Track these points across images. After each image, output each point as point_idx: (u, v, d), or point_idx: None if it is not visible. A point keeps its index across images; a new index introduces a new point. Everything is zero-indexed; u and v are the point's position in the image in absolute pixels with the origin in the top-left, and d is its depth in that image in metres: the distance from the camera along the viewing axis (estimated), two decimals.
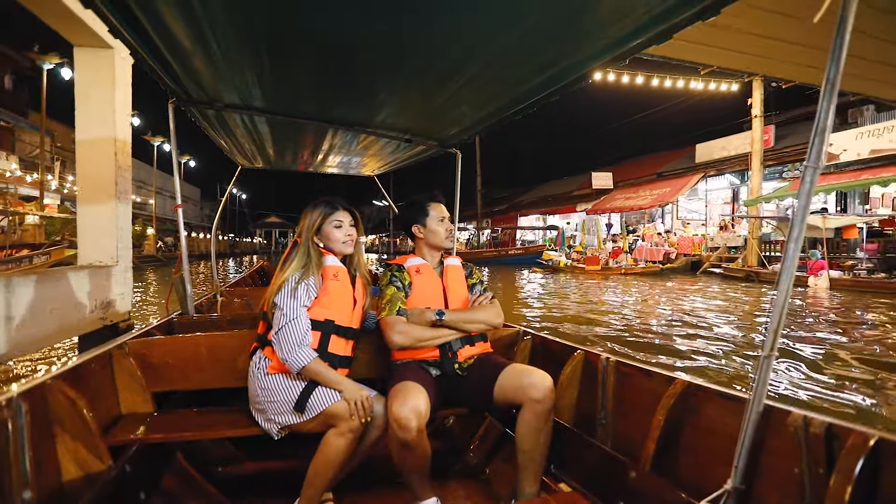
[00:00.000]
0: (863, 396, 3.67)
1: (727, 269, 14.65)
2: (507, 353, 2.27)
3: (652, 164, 25.14)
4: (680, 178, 21.51)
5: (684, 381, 1.50)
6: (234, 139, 3.21)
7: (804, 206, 1.01)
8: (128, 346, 1.89)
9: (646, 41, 1.52)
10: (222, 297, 3.57)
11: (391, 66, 1.84)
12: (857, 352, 5.08)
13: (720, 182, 21.77)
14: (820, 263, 11.54)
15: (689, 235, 19.34)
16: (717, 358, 4.87)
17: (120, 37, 1.62)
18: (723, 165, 19.95)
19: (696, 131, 23.14)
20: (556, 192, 30.65)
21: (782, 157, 17.38)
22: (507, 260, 22.49)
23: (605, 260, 18.26)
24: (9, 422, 1.24)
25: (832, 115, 0.97)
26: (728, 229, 18.75)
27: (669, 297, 10.13)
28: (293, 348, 1.58)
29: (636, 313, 8.05)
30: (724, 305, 8.86)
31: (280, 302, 1.65)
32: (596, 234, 22.02)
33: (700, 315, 7.66)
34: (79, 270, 3.65)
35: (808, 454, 1.10)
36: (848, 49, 0.98)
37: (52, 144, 27.53)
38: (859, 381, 4.05)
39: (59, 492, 1.41)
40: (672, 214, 22.54)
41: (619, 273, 16.40)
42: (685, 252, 18.12)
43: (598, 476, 1.64)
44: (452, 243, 1.99)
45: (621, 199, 23.36)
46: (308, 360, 1.60)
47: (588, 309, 8.64)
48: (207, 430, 1.73)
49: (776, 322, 1.03)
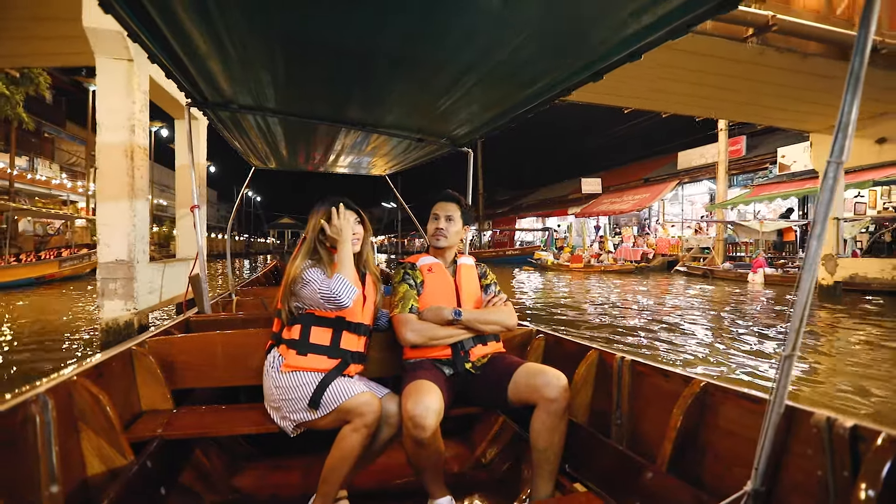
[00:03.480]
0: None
1: (690, 267, 16.56)
2: (520, 353, 2.27)
3: (639, 170, 26.97)
4: (659, 185, 23.38)
5: (702, 380, 1.48)
6: (248, 140, 3.25)
7: (827, 202, 0.96)
8: (147, 344, 1.94)
9: (661, 37, 1.51)
10: (237, 295, 3.66)
11: (405, 66, 1.83)
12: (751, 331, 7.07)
13: (700, 187, 23.55)
14: (759, 262, 13.46)
15: (667, 237, 21.20)
16: (616, 320, 6.89)
17: (138, 41, 1.65)
18: (696, 173, 21.78)
19: (679, 140, 24.95)
20: (553, 195, 32.65)
21: (744, 167, 19.25)
22: (504, 259, 24.49)
23: (588, 259, 20.20)
24: (37, 417, 1.27)
25: (856, 111, 0.93)
26: (701, 231, 20.62)
27: (621, 288, 12.13)
28: (335, 289, 1.63)
29: (586, 298, 10.08)
30: (654, 293, 10.84)
31: (301, 283, 1.70)
32: (582, 235, 24.02)
33: (635, 300, 9.67)
34: (178, 262, 5.84)
35: (832, 456, 1.07)
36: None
37: (87, 152, 29.97)
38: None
39: (84, 486, 1.45)
40: (658, 217, 24.38)
41: (599, 271, 18.33)
42: (662, 252, 19.98)
43: (614, 476, 1.61)
44: (439, 241, 1.95)
45: (607, 204, 25.32)
46: (340, 282, 1.65)
47: (559, 295, 10.69)
48: (225, 428, 1.76)
49: (798, 321, 0.99)
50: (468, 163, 3.24)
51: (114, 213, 4.82)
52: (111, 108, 4.74)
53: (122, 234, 4.81)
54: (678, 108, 9.32)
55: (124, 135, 4.72)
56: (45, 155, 27.03)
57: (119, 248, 4.79)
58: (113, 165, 4.78)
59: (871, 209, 15.38)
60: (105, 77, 4.70)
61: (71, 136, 28.17)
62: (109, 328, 4.74)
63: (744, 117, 10.59)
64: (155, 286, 5.31)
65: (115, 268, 4.78)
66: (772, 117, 9.94)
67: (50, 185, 24.45)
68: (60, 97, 29.82)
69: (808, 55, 6.38)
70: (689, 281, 14.44)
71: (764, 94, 8.25)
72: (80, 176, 27.10)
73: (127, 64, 4.64)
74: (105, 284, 4.78)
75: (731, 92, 7.97)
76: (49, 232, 20.15)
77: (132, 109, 4.73)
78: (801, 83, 7.34)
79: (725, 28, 5.80)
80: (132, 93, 4.73)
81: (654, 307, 8.89)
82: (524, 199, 37.93)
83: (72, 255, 14.17)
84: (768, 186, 17.57)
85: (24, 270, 12.43)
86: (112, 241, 4.81)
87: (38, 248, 16.16)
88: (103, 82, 4.72)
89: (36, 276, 12.59)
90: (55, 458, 1.28)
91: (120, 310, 4.76)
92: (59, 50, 6.27)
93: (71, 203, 25.81)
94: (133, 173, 4.77)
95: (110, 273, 4.78)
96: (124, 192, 4.77)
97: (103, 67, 4.68)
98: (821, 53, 6.40)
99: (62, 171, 27.02)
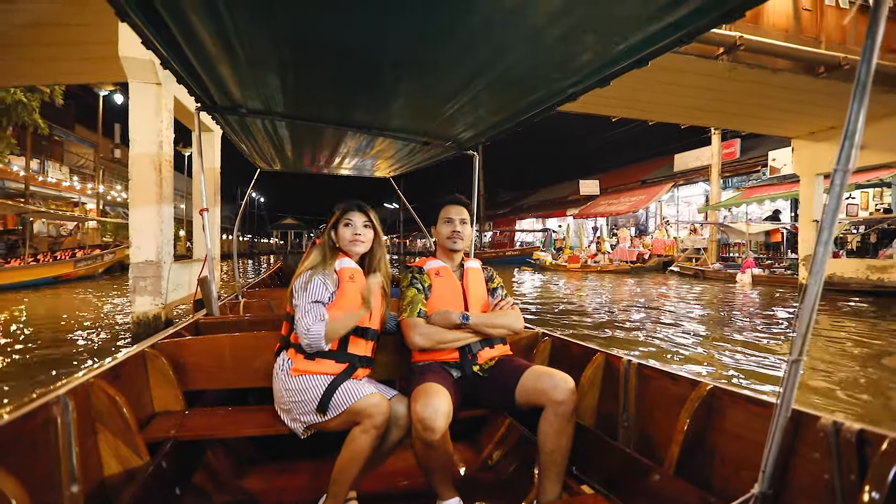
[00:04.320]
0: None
1: (682, 268, 17.05)
2: (527, 355, 2.27)
3: (637, 172, 27.46)
4: (655, 187, 23.88)
5: (709, 384, 1.49)
6: (254, 143, 3.28)
7: (834, 209, 0.96)
8: (159, 346, 1.96)
9: (668, 45, 1.50)
10: (244, 297, 3.70)
11: (413, 70, 1.84)
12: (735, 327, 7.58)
13: (696, 189, 24.00)
14: (749, 262, 13.96)
15: (662, 238, 21.67)
16: (591, 313, 7.41)
17: (151, 47, 1.66)
18: (691, 175, 22.27)
19: (675, 143, 25.41)
20: (553, 196, 33.19)
21: (737, 170, 19.74)
22: (503, 260, 25.01)
23: (584, 260, 20.70)
24: (58, 418, 1.29)
25: (863, 118, 0.92)
26: (697, 232, 21.08)
27: (614, 287, 12.64)
28: (310, 332, 1.61)
29: (579, 296, 10.60)
30: (644, 293, 11.35)
31: (296, 296, 1.70)
32: (579, 236, 24.56)
33: (623, 298, 10.19)
34: (199, 262, 6.42)
35: (839, 460, 1.08)
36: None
37: (95, 154, 30.54)
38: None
39: (102, 486, 1.47)
40: (656, 218, 24.85)
41: (595, 271, 18.84)
42: (658, 253, 20.46)
43: (621, 479, 1.62)
44: (456, 244, 1.98)
45: (605, 205, 25.84)
46: (322, 329, 1.61)
47: (553, 291, 11.22)
48: (236, 429, 1.77)
49: (804, 326, 0.99)
50: (474, 166, 3.24)
51: (144, 218, 5.39)
52: (142, 126, 5.32)
53: (151, 237, 5.36)
54: (658, 117, 9.85)
55: (153, 149, 5.29)
56: (54, 157, 27.56)
57: (148, 250, 5.36)
58: (143, 177, 5.34)
59: (863, 210, 15.82)
60: (137, 99, 5.28)
61: (80, 139, 28.70)
62: (140, 321, 5.30)
63: (723, 124, 11.15)
64: (181, 283, 5.96)
65: (145, 267, 5.35)
66: (750, 125, 10.48)
67: (60, 187, 25.04)
68: (70, 101, 30.25)
69: (778, 70, 6.90)
70: (680, 280, 14.93)
71: (739, 104, 8.76)
72: (89, 178, 27.75)
73: (156, 87, 5.19)
74: (136, 282, 5.35)
75: (708, 102, 8.48)
76: (62, 233, 20.79)
77: (160, 127, 5.29)
78: (773, 94, 7.85)
79: (698, 47, 6.32)
80: (160, 112, 5.28)
81: (632, 303, 9.42)
82: (525, 201, 38.47)
83: (85, 255, 14.78)
84: (759, 189, 18.06)
85: (42, 270, 13.03)
86: (142, 244, 5.38)
87: (51, 248, 16.77)
88: (135, 103, 5.30)
89: (53, 276, 13.19)
90: (75, 458, 1.31)
91: (149, 304, 5.33)
92: (91, 69, 6.88)
93: (81, 205, 26.47)
94: (161, 183, 5.33)
95: (141, 272, 5.35)
96: (153, 199, 5.31)
97: (135, 90, 5.27)
98: (789, 69, 6.91)
99: (71, 174, 27.65)
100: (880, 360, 5.05)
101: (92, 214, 25.09)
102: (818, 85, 7.25)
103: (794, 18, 6.89)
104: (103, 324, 7.08)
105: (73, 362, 4.72)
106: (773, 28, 6.77)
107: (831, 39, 7.06)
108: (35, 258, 14.00)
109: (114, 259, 16.15)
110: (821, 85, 7.25)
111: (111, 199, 29.15)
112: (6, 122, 14.98)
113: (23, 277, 12.19)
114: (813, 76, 7.00)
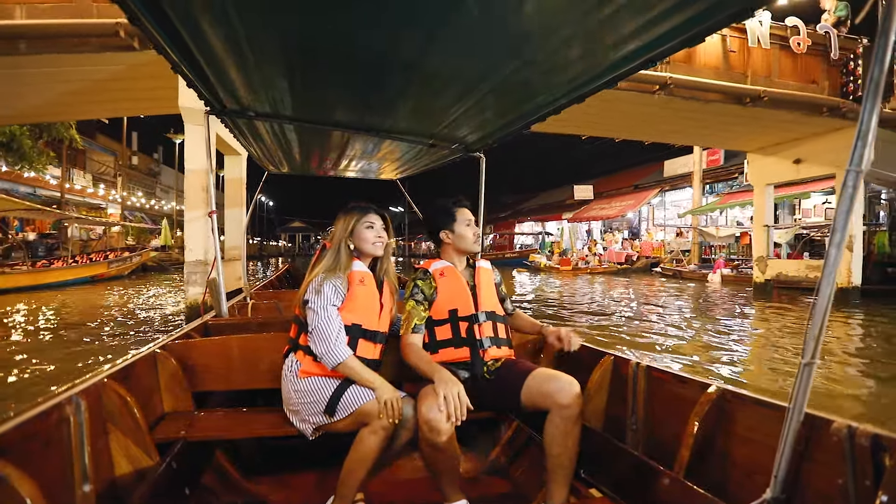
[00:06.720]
0: None
1: (664, 269, 18.38)
2: (533, 358, 2.27)
3: (630, 177, 28.68)
4: (644, 192, 25.20)
5: (719, 387, 1.48)
6: (263, 146, 3.30)
7: (846, 211, 0.94)
8: (169, 347, 1.98)
9: (675, 46, 1.52)
10: (252, 299, 3.73)
11: (421, 73, 1.84)
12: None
13: (685, 193, 25.18)
14: (719, 263, 15.30)
15: (650, 241, 22.95)
16: (565, 304, 8.78)
17: (163, 52, 1.69)
18: (677, 181, 23.55)
19: (665, 149, 26.59)
20: (552, 200, 34.44)
21: (718, 176, 21.03)
22: (502, 261, 26.33)
23: (576, 262, 22.02)
24: (71, 418, 1.30)
25: (876, 119, 0.92)
26: (683, 235, 22.33)
27: (601, 286, 14.00)
28: (328, 345, 1.62)
29: (566, 293, 11.99)
30: (623, 291, 12.71)
31: (310, 301, 1.69)
32: (572, 239, 25.87)
33: (603, 294, 11.56)
34: (230, 261, 7.89)
35: (853, 465, 1.06)
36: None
37: (115, 162, 32.11)
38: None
39: (113, 486, 1.48)
40: (648, 221, 26.10)
41: (586, 272, 20.13)
42: (646, 255, 21.71)
43: (630, 482, 1.60)
44: (479, 246, 2.01)
45: (597, 209, 27.18)
46: (344, 357, 1.63)
47: (546, 289, 12.62)
48: (245, 430, 1.79)
49: (817, 328, 0.98)
50: (480, 168, 3.26)
51: (195, 226, 6.85)
52: (194, 158, 6.89)
53: (200, 241, 6.79)
54: (619, 135, 11.30)
55: (202, 174, 6.70)
56: (79, 165, 29.09)
57: (198, 252, 6.80)
58: (194, 193, 6.82)
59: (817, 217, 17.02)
60: (191, 136, 6.90)
61: (102, 147, 30.22)
62: (191, 305, 6.78)
63: (677, 140, 12.50)
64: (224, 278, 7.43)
65: (195, 265, 6.84)
66: (701, 141, 11.90)
67: (84, 194, 26.55)
68: None
69: (709, 101, 8.28)
70: (660, 280, 16.20)
71: (685, 125, 10.09)
72: (111, 185, 29.39)
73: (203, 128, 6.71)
74: (189, 276, 6.85)
75: (657, 123, 9.87)
76: (91, 237, 22.44)
77: (205, 157, 6.85)
78: (710, 119, 9.24)
79: (636, 85, 7.69)
80: (206, 146, 6.89)
81: (609, 298, 10.78)
82: (525, 204, 39.64)
83: (117, 257, 16.38)
84: (735, 195, 19.32)
85: (82, 270, 14.59)
86: (194, 247, 6.83)
87: (83, 250, 18.38)
88: (189, 140, 6.96)
89: (90, 275, 14.75)
90: (87, 457, 1.31)
91: (199, 293, 6.73)
92: (149, 107, 8.52)
93: (101, 209, 28.09)
94: (207, 197, 6.65)
95: (193, 269, 6.84)
96: (201, 210, 6.75)
97: (190, 130, 6.85)
98: (719, 100, 8.28)
99: (94, 181, 29.31)
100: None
101: (114, 219, 26.74)
102: (747, 111, 8.63)
103: (723, 58, 8.26)
104: (156, 311, 8.75)
105: (147, 335, 6.25)
106: (705, 67, 8.12)
107: (757, 73, 8.41)
108: (74, 259, 15.57)
109: (141, 260, 17.77)
110: (750, 112, 8.62)
111: (130, 204, 30.79)
112: (46, 136, 16.62)
113: (65, 276, 13.73)
114: (741, 105, 8.37)
